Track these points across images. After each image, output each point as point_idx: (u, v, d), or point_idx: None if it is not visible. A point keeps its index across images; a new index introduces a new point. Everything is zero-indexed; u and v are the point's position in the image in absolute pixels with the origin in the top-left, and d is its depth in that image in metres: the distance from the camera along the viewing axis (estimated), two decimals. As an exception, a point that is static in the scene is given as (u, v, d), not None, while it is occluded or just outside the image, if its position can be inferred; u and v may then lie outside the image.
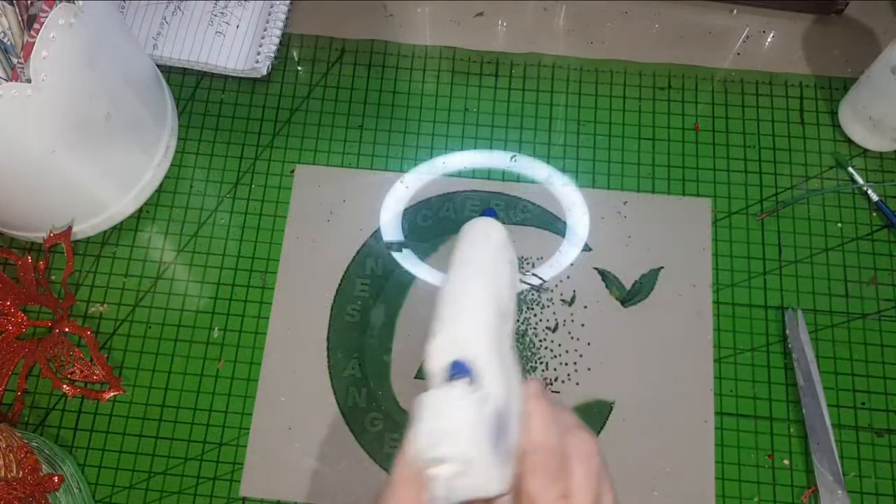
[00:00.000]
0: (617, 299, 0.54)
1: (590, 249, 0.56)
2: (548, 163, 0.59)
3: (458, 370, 0.29)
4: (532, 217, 0.57)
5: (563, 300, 0.55)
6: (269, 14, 0.62)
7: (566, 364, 0.53)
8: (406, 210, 0.57)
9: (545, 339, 0.54)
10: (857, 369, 0.53)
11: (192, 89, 0.61)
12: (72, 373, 0.52)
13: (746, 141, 0.59)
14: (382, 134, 0.60)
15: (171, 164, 0.58)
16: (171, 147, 0.58)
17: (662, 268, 0.55)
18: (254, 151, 0.59)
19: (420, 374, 0.53)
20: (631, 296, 0.55)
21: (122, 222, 0.57)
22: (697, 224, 0.57)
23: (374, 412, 0.52)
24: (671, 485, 0.50)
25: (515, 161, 0.59)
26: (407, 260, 0.56)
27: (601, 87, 0.61)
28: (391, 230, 0.57)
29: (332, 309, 0.55)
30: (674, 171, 0.58)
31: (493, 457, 0.27)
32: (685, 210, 0.57)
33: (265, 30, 0.61)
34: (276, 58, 0.61)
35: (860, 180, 0.57)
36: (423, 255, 0.56)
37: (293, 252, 0.56)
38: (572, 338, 0.54)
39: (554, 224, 0.57)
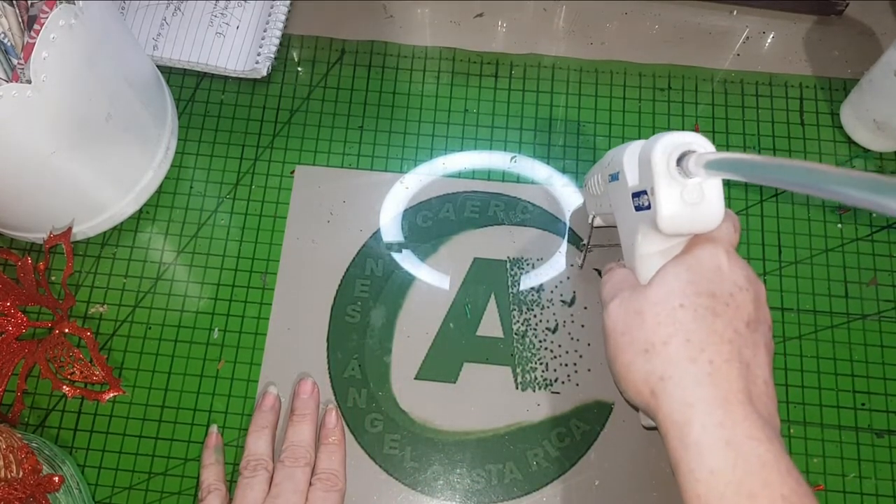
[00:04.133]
0: (617, 300, 0.54)
1: (590, 250, 0.56)
2: (548, 163, 0.59)
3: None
4: (532, 217, 0.57)
5: (563, 301, 0.55)
6: (269, 14, 0.62)
7: (566, 365, 0.53)
8: (406, 211, 0.57)
9: (545, 340, 0.54)
10: (857, 370, 0.53)
11: (192, 90, 0.61)
12: (72, 373, 0.52)
13: (746, 141, 0.59)
14: (382, 134, 0.60)
15: (171, 165, 0.58)
16: (171, 147, 0.58)
17: (662, 268, 0.55)
18: (254, 152, 0.59)
19: (420, 375, 0.53)
20: (631, 296, 0.55)
21: (122, 223, 0.57)
22: (697, 225, 0.56)
23: (374, 413, 0.52)
24: (671, 486, 0.50)
25: (515, 161, 0.59)
26: (407, 261, 0.56)
27: (601, 88, 0.61)
28: (391, 231, 0.57)
29: (331, 309, 0.55)
30: (674, 172, 0.58)
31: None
32: (685, 211, 0.57)
33: (265, 30, 0.61)
34: (276, 58, 0.61)
35: None
36: (423, 255, 0.56)
37: (293, 252, 0.56)
38: (572, 339, 0.54)
39: (554, 224, 0.57)
